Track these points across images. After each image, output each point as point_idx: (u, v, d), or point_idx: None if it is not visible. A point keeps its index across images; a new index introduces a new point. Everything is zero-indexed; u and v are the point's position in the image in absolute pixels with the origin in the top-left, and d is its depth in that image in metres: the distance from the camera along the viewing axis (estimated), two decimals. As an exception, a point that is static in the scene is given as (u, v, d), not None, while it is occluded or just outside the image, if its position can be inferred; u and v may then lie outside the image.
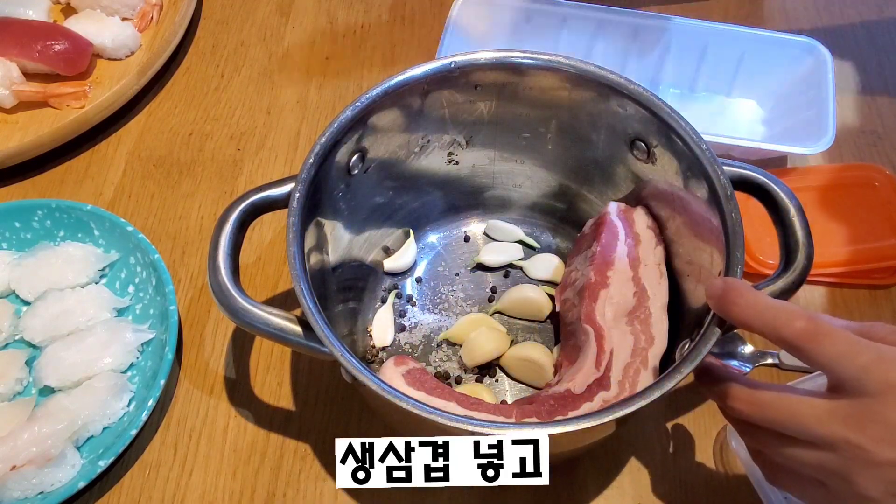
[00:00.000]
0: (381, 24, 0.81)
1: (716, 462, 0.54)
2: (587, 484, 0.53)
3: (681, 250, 0.52)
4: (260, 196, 0.47)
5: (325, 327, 0.41)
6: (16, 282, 0.60)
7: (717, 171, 0.46)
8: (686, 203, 0.50)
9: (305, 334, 0.43)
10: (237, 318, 0.44)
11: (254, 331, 0.44)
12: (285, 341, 0.44)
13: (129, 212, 0.67)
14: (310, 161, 0.47)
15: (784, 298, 0.45)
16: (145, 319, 0.59)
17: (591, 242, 0.54)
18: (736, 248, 0.43)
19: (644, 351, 0.49)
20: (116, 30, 0.75)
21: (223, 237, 0.45)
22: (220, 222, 0.45)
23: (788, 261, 0.45)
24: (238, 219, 0.46)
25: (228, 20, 0.82)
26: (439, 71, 0.51)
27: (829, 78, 0.66)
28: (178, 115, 0.74)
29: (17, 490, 0.50)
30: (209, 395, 0.57)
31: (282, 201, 0.47)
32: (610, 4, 0.73)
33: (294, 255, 0.44)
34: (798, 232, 0.46)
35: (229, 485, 0.53)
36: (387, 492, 0.52)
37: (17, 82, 0.71)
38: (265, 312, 0.44)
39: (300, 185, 0.46)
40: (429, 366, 0.56)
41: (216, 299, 0.44)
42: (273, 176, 0.69)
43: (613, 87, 0.50)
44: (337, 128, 0.48)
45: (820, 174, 0.66)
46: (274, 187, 0.47)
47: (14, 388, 0.56)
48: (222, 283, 0.44)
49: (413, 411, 0.38)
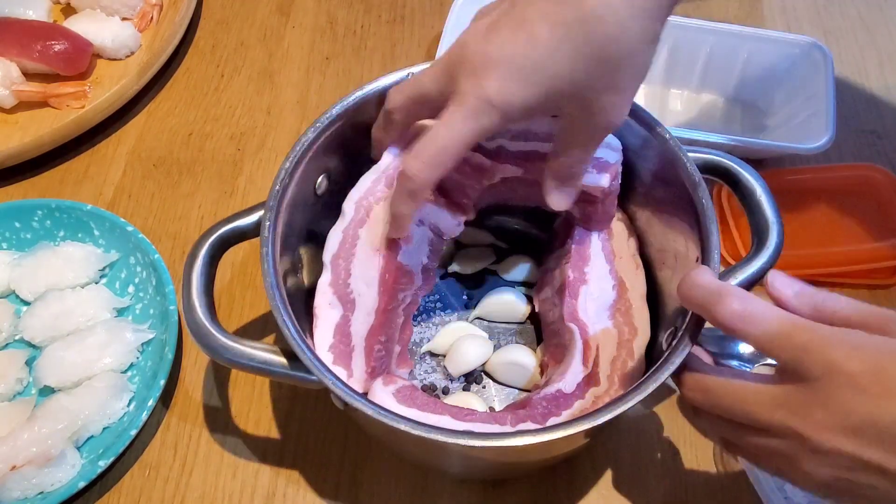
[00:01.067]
0: (381, 23, 0.81)
1: (716, 462, 0.54)
2: (586, 484, 0.53)
3: (652, 240, 0.53)
4: (228, 228, 0.46)
5: (311, 356, 0.41)
6: (16, 282, 0.60)
7: (683, 159, 0.46)
8: (654, 192, 0.51)
9: (291, 365, 0.42)
10: (218, 356, 0.43)
11: (237, 367, 0.43)
12: (270, 374, 0.43)
13: (129, 212, 0.67)
14: (276, 188, 0.46)
15: (759, 280, 0.45)
16: (145, 319, 0.59)
17: (564, 240, 0.54)
18: (710, 233, 0.44)
19: (629, 343, 0.49)
20: (116, 30, 0.75)
21: (195, 275, 0.44)
22: (190, 259, 0.44)
23: (760, 241, 0.46)
24: (208, 254, 0.45)
25: (228, 20, 0.82)
26: (396, 83, 0.49)
27: (829, 78, 0.66)
28: (178, 115, 0.74)
29: (17, 490, 0.50)
30: (209, 395, 0.57)
31: (251, 231, 0.46)
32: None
33: (272, 285, 0.43)
34: (767, 212, 0.46)
35: (229, 485, 0.53)
36: (387, 492, 0.53)
37: (17, 82, 0.71)
38: (247, 347, 0.43)
39: (269, 213, 0.45)
40: (414, 379, 0.56)
41: (194, 339, 0.43)
42: (273, 176, 0.69)
43: None
44: (299, 150, 0.47)
45: (820, 174, 0.66)
46: (242, 217, 0.46)
47: (14, 388, 0.56)
48: (199, 322, 0.43)
49: (412, 432, 0.38)
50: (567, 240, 0.54)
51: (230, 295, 0.62)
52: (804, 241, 0.61)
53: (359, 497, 0.53)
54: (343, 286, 0.48)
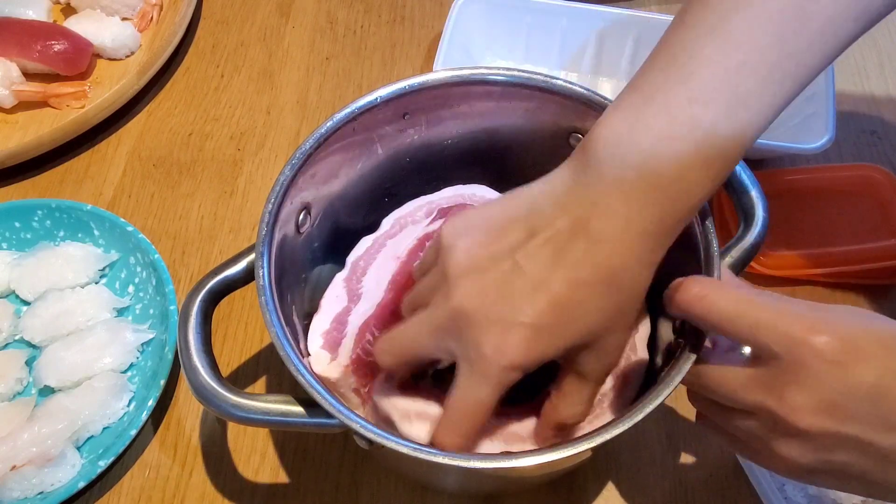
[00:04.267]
0: (381, 24, 0.81)
1: (716, 462, 0.54)
2: (587, 485, 0.53)
3: None
4: (218, 280, 0.44)
5: (332, 400, 0.39)
6: (16, 282, 0.60)
7: None
8: None
9: (309, 412, 0.40)
10: (231, 417, 0.40)
11: (252, 424, 0.41)
12: (288, 426, 0.41)
13: (129, 212, 0.67)
14: (263, 231, 0.44)
15: (750, 257, 0.45)
16: (145, 319, 0.59)
17: None
18: (705, 218, 0.43)
19: (630, 339, 0.49)
20: (116, 30, 0.75)
21: (191, 335, 0.42)
22: (183, 318, 0.43)
23: (747, 218, 0.46)
24: (200, 311, 0.43)
25: (228, 20, 0.82)
26: (364, 107, 0.49)
27: (829, 78, 0.66)
28: (178, 115, 0.74)
29: (17, 490, 0.50)
30: (209, 395, 0.57)
31: (241, 279, 0.45)
32: (610, 4, 0.74)
33: (279, 335, 0.41)
34: (749, 189, 0.46)
35: (229, 485, 0.53)
36: (387, 492, 0.53)
37: (17, 82, 0.71)
38: (261, 402, 0.40)
39: (262, 259, 0.43)
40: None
41: (202, 401, 0.41)
42: (273, 176, 0.69)
43: (540, 88, 0.50)
44: (279, 189, 0.46)
45: (820, 174, 0.66)
46: (230, 266, 0.44)
47: (14, 388, 0.56)
48: (205, 384, 0.40)
49: (452, 464, 0.37)
50: None
51: (221, 334, 0.60)
52: (804, 241, 0.61)
53: (359, 498, 0.53)
54: (355, 282, 0.49)
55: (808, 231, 0.62)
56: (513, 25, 0.74)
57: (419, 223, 0.53)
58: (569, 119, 0.51)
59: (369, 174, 0.54)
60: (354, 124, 0.49)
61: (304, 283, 0.51)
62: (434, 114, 0.52)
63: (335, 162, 0.50)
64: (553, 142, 0.53)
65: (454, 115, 0.53)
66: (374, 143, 0.52)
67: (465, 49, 0.72)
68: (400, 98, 0.50)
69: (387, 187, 0.55)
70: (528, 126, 0.53)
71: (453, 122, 0.54)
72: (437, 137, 0.54)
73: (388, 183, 0.55)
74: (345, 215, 0.54)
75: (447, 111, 0.52)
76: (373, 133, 0.51)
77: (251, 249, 0.45)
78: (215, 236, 0.66)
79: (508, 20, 0.74)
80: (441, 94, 0.51)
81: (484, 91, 0.51)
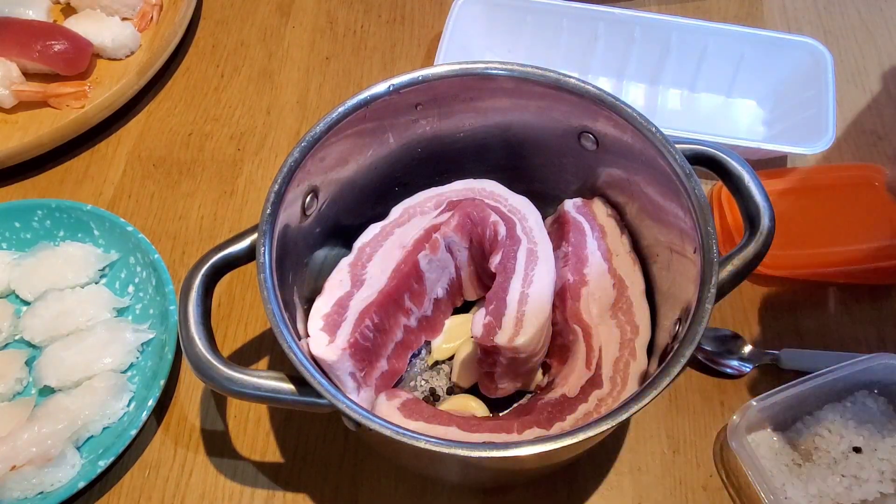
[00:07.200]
0: (381, 23, 0.81)
1: (716, 462, 0.54)
2: (587, 484, 0.53)
3: (645, 232, 0.53)
4: (220, 256, 0.45)
5: (322, 380, 0.40)
6: (16, 282, 0.60)
7: (671, 152, 0.46)
8: (642, 186, 0.51)
9: (300, 391, 0.41)
10: (225, 389, 0.41)
11: (243, 398, 0.42)
12: (279, 402, 0.42)
13: (129, 212, 0.67)
14: (267, 211, 0.45)
15: (755, 264, 0.45)
16: (145, 319, 0.59)
17: (559, 243, 0.55)
18: (706, 223, 0.43)
19: (631, 342, 0.49)
20: (116, 30, 0.75)
21: (191, 307, 0.43)
22: (185, 291, 0.43)
23: (753, 225, 0.46)
24: (202, 284, 0.44)
25: (228, 20, 0.82)
26: (377, 95, 0.49)
27: (829, 78, 0.66)
28: (178, 115, 0.74)
29: (17, 490, 0.50)
30: (209, 395, 0.57)
31: (244, 257, 0.45)
32: (610, 4, 0.74)
33: (274, 313, 0.42)
34: (756, 196, 0.46)
35: (229, 485, 0.53)
36: (387, 492, 0.53)
37: (17, 82, 0.71)
38: (253, 377, 0.42)
39: (264, 238, 0.44)
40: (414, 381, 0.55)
41: (197, 373, 0.42)
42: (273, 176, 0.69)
43: (553, 85, 0.50)
44: (286, 171, 0.46)
45: (820, 174, 0.66)
46: (233, 244, 0.45)
47: (14, 388, 0.56)
48: (200, 356, 0.42)
49: (434, 449, 0.37)
50: (562, 242, 0.54)
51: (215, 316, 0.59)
52: (804, 241, 0.62)
53: (359, 498, 0.53)
54: (360, 268, 0.51)
55: (809, 231, 0.62)
56: (513, 25, 0.74)
57: (427, 214, 0.54)
58: (579, 118, 0.51)
59: (380, 163, 0.54)
60: (366, 111, 0.49)
61: (307, 266, 0.51)
62: (447, 107, 0.53)
63: (345, 148, 0.50)
64: (564, 140, 0.53)
65: (467, 109, 0.53)
66: (386, 131, 0.52)
67: (464, 49, 0.72)
68: (412, 88, 0.50)
69: (397, 177, 0.56)
70: (540, 123, 0.53)
71: (466, 116, 0.54)
72: (450, 130, 0.55)
73: (398, 172, 0.56)
74: (353, 202, 0.54)
75: (460, 105, 0.53)
76: (384, 122, 0.51)
77: (255, 228, 0.45)
78: (215, 236, 0.66)
79: (508, 20, 0.74)
80: (454, 87, 0.51)
81: (496, 86, 0.51)
